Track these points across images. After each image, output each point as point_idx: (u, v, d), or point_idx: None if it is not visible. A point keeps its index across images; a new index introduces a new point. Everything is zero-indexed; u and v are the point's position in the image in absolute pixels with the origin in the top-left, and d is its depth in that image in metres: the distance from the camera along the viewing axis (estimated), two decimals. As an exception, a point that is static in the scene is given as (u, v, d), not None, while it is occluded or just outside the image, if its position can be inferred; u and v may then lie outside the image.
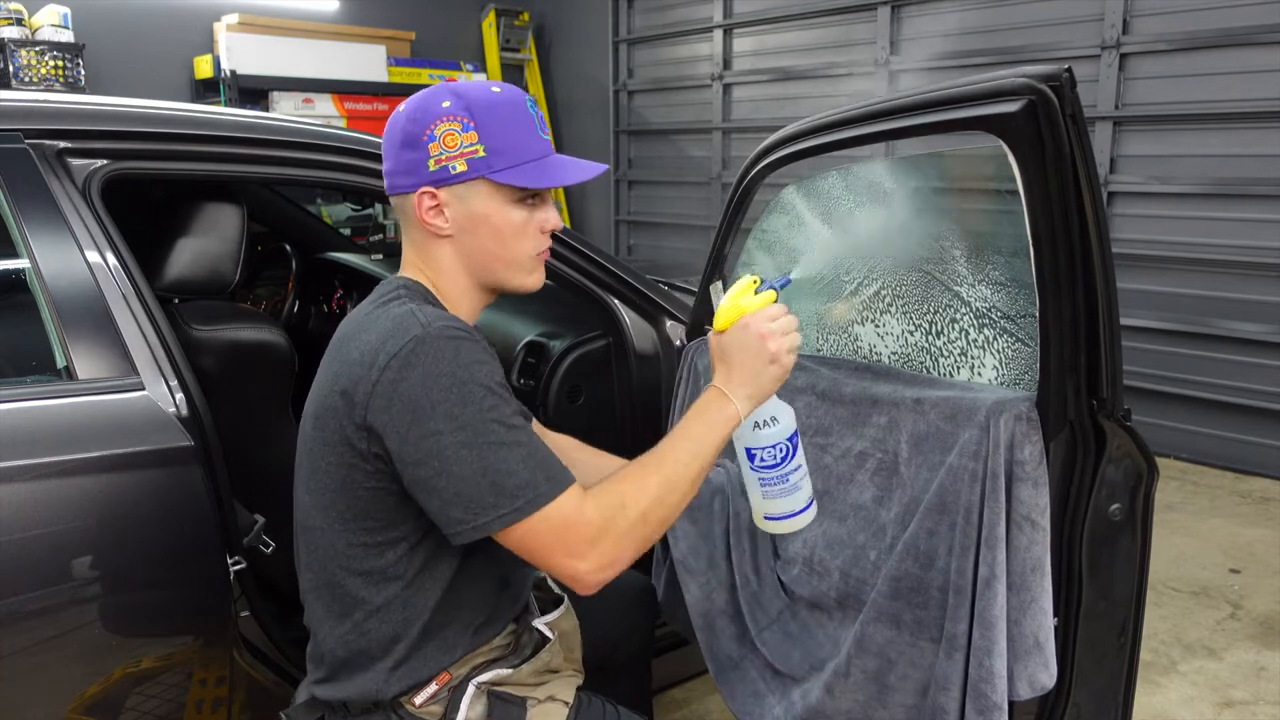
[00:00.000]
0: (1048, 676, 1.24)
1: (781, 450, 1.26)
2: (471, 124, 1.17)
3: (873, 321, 1.53)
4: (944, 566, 1.28)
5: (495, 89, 1.20)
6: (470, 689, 1.22)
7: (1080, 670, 1.35)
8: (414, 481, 1.10)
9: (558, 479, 1.11)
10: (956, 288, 1.39)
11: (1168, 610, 2.87)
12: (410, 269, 1.26)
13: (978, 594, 1.23)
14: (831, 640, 1.49)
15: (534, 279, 1.27)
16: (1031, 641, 1.24)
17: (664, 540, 1.73)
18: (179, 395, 1.39)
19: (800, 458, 1.29)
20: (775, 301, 1.24)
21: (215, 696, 1.47)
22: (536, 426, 1.56)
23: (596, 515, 1.11)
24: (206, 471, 1.38)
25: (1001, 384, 1.34)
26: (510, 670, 1.27)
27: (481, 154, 1.17)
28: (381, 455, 1.11)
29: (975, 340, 1.37)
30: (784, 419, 1.27)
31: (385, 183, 1.24)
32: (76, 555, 1.32)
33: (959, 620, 1.25)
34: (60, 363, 1.37)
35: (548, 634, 1.34)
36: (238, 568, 1.43)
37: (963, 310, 1.39)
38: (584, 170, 1.23)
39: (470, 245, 1.22)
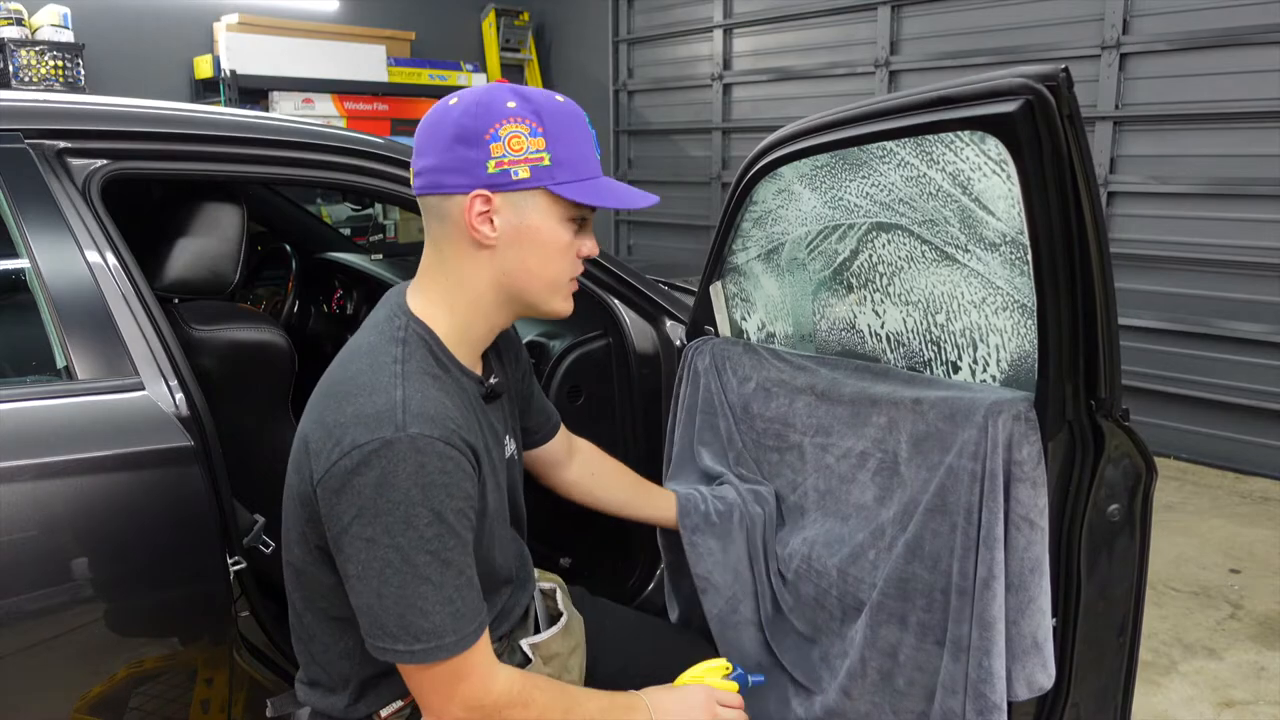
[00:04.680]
0: (1046, 677, 1.24)
1: None
2: (540, 129, 1.09)
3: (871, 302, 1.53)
4: (946, 568, 1.28)
5: (559, 98, 1.14)
6: None
7: (1079, 670, 1.35)
8: (340, 569, 1.08)
9: (465, 631, 1.07)
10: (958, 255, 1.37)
11: (1168, 610, 2.87)
12: (429, 280, 1.18)
13: (976, 595, 1.23)
14: (838, 639, 1.49)
15: (566, 305, 1.21)
16: (1030, 642, 1.24)
17: (675, 564, 1.73)
18: (179, 395, 1.39)
19: None
20: (738, 695, 1.32)
21: (215, 696, 1.47)
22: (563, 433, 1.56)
23: (503, 690, 1.11)
24: (206, 471, 1.38)
25: (1000, 369, 1.34)
26: None
27: (547, 162, 1.10)
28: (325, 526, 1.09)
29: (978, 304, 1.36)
30: None
31: (421, 180, 1.14)
32: (77, 555, 1.32)
33: (962, 622, 1.25)
34: (60, 363, 1.37)
35: (529, 655, 1.30)
36: (238, 568, 1.43)
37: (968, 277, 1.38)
38: (639, 198, 1.19)
39: (511, 260, 1.13)
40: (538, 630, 1.38)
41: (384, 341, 1.14)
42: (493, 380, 1.26)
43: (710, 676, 1.34)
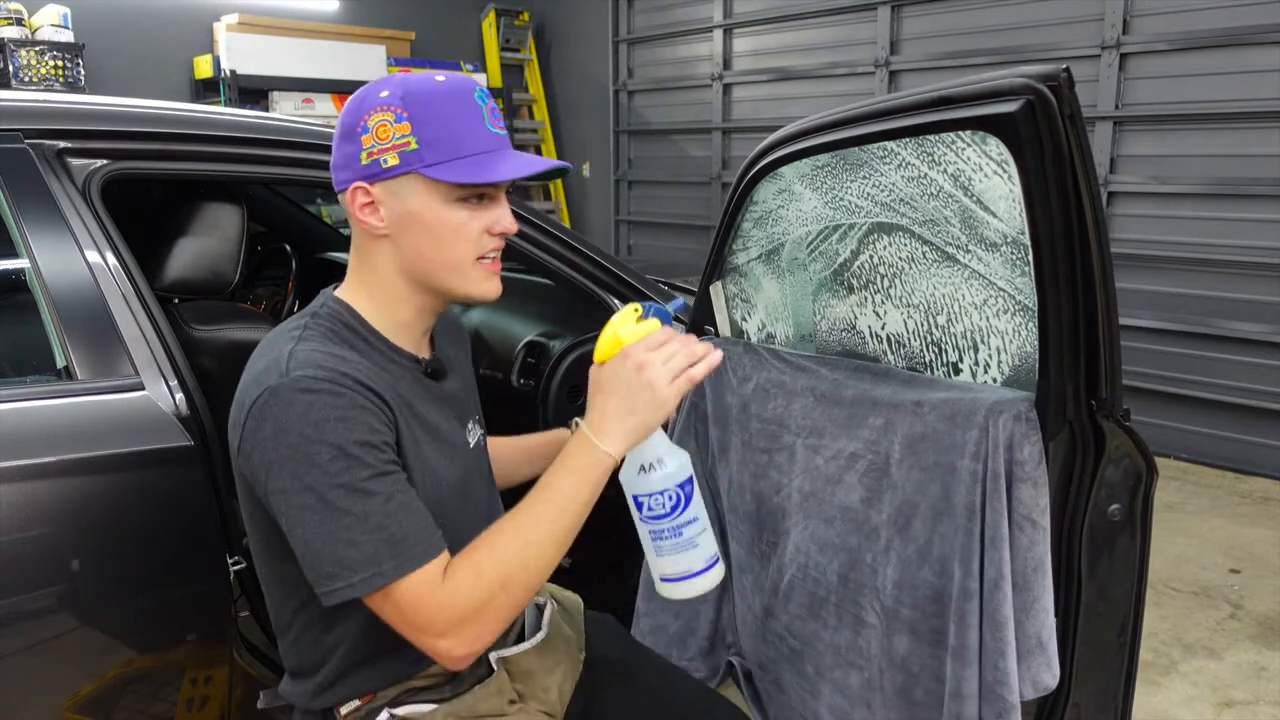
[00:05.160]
0: (1050, 676, 1.24)
1: (671, 498, 1.12)
2: (405, 114, 1.09)
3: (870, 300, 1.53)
4: (953, 572, 1.28)
5: (440, 78, 1.12)
6: (383, 715, 1.19)
7: (1080, 670, 1.35)
8: (284, 530, 1.07)
9: (408, 555, 1.03)
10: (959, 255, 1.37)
11: (1168, 610, 2.87)
12: (351, 272, 1.20)
13: (986, 596, 1.23)
14: (830, 649, 1.48)
15: (481, 287, 1.16)
16: (1034, 642, 1.24)
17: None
18: (179, 395, 1.39)
19: (697, 508, 1.14)
20: (660, 328, 1.14)
21: (215, 696, 1.47)
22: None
23: (453, 593, 1.05)
24: (206, 471, 1.38)
25: (1002, 366, 1.34)
26: (430, 706, 1.20)
27: (414, 146, 1.09)
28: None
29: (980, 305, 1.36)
30: (672, 462, 1.13)
31: (334, 180, 1.16)
32: (77, 555, 1.32)
33: (970, 625, 1.24)
34: (60, 363, 1.37)
35: (493, 667, 1.26)
36: (238, 568, 1.43)
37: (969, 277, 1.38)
38: (530, 165, 1.12)
39: (406, 246, 1.13)
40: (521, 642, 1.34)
41: (299, 318, 1.16)
42: (430, 357, 1.25)
43: (623, 329, 1.14)
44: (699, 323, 1.87)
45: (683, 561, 1.14)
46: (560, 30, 7.17)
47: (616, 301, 1.98)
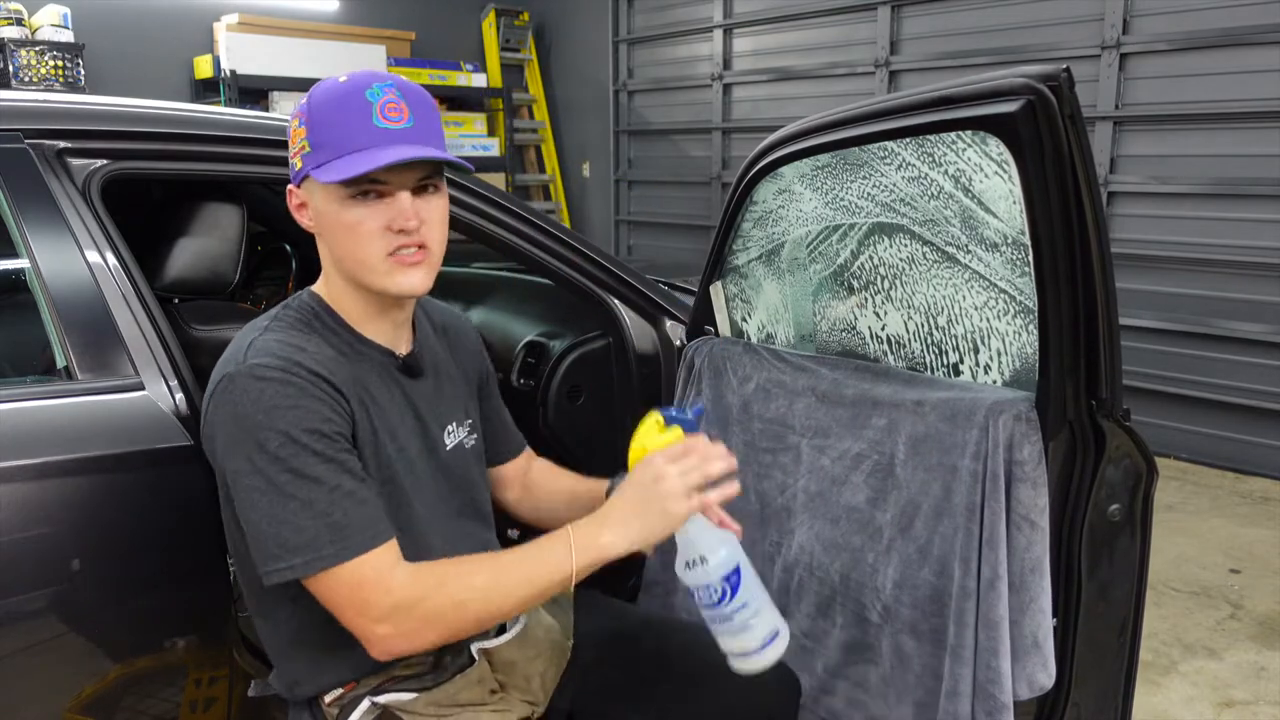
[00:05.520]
0: (1046, 677, 1.25)
1: (716, 591, 1.15)
2: (305, 119, 1.12)
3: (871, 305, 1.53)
4: (952, 571, 1.28)
5: (342, 79, 1.13)
6: (364, 704, 1.20)
7: (1080, 670, 1.35)
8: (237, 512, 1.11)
9: (349, 542, 1.06)
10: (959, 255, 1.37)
11: (1168, 610, 2.87)
12: (322, 268, 1.23)
13: (981, 595, 1.23)
14: (839, 647, 1.48)
15: (397, 281, 1.15)
16: (1030, 642, 1.24)
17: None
18: (179, 395, 1.39)
19: (747, 593, 1.16)
20: (681, 441, 1.18)
21: (215, 696, 1.47)
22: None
23: (406, 585, 1.08)
24: (206, 471, 1.38)
25: (1001, 370, 1.34)
26: (412, 695, 1.21)
27: (308, 149, 1.12)
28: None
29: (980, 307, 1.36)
30: (714, 558, 1.15)
31: None
32: (76, 555, 1.32)
33: (967, 624, 1.25)
34: (60, 363, 1.37)
35: (474, 657, 1.27)
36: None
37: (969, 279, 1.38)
38: (399, 154, 1.08)
39: (330, 245, 1.17)
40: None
41: (272, 310, 1.22)
42: (405, 353, 1.26)
43: (648, 442, 1.19)
44: (699, 323, 1.87)
45: (739, 642, 1.17)
46: (560, 30, 7.17)
47: (616, 302, 1.97)
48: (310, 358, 1.11)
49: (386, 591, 1.07)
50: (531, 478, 1.53)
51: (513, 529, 2.03)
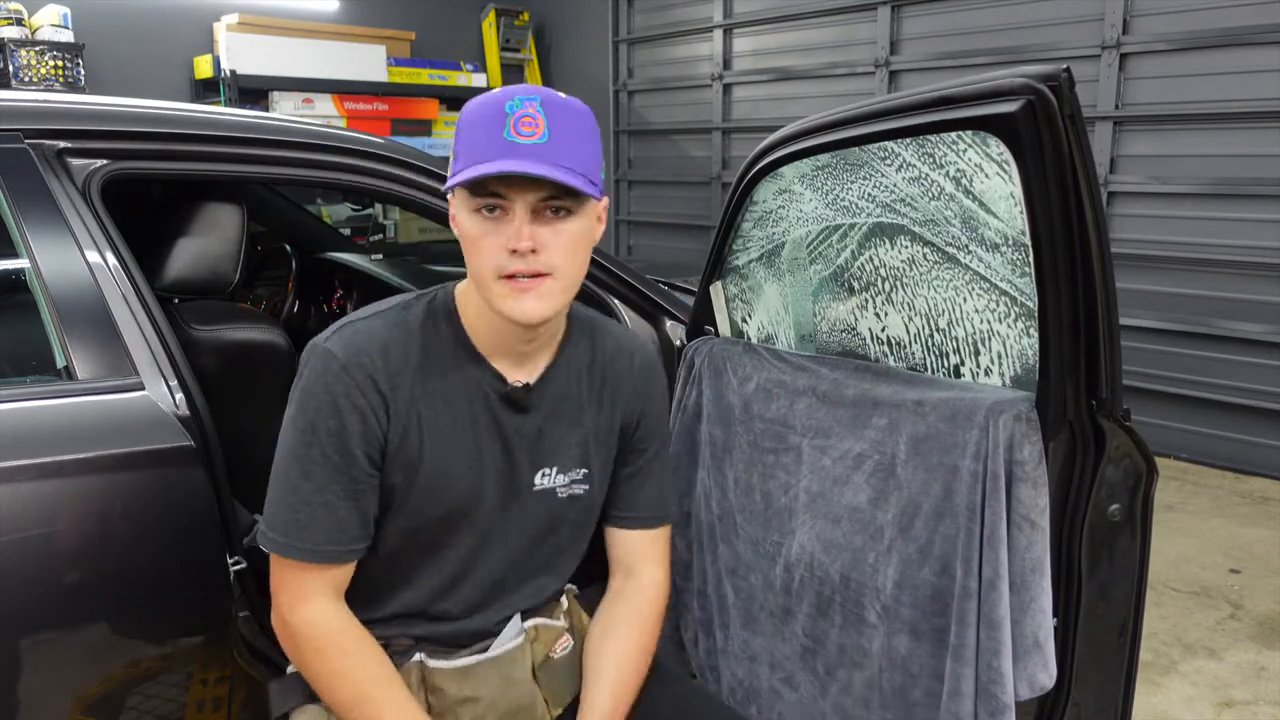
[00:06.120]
0: (1047, 677, 1.24)
1: None
2: (457, 128, 1.14)
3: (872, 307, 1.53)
4: (954, 571, 1.28)
5: (496, 92, 1.12)
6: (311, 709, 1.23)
7: (1080, 670, 1.35)
8: None
9: (297, 544, 1.14)
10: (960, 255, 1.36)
11: (1168, 610, 2.87)
12: None
13: (982, 595, 1.23)
14: (837, 648, 1.48)
15: (506, 304, 1.10)
16: (1031, 642, 1.24)
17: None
18: (179, 395, 1.39)
19: None
20: None
21: (215, 696, 1.47)
22: None
23: (306, 620, 1.15)
24: (206, 471, 1.38)
25: (1002, 368, 1.34)
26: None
27: (452, 159, 1.13)
28: None
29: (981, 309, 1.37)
30: None
31: None
32: (76, 555, 1.32)
33: (968, 624, 1.25)
34: (60, 363, 1.37)
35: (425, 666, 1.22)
36: (238, 568, 1.43)
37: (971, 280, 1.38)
38: (504, 167, 1.05)
39: (465, 255, 1.14)
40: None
41: (417, 292, 1.26)
42: (515, 385, 1.21)
43: None
44: (699, 323, 1.87)
45: None
46: (560, 30, 7.17)
47: (616, 301, 1.97)
48: (378, 360, 1.15)
49: (290, 610, 1.16)
50: (615, 608, 1.34)
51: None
